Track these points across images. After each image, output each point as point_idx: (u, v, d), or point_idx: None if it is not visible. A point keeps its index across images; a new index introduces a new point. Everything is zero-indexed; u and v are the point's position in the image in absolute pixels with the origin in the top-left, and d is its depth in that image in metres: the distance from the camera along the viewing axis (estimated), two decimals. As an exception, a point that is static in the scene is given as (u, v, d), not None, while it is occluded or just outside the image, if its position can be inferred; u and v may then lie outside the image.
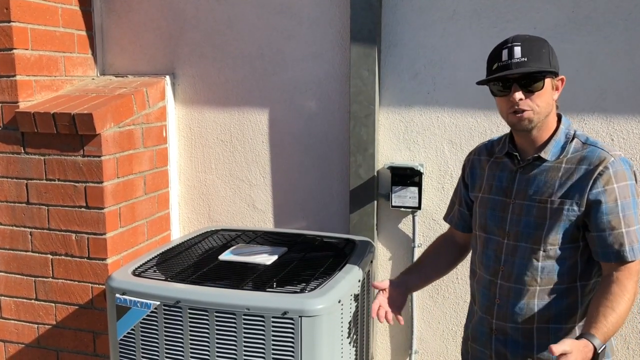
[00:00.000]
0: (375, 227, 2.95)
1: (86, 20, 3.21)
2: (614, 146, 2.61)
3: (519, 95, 1.73)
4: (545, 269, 1.80)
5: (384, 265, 3.02)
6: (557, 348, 1.52)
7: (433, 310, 2.96)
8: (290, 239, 2.70)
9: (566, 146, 1.81)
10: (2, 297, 3.02)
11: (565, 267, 1.79)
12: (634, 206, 1.73)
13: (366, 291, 2.42)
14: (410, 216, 2.94)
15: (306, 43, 3.00)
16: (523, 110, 1.75)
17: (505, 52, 1.75)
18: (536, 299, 1.82)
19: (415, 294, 2.95)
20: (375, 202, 2.93)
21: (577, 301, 1.82)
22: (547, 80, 1.75)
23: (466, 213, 2.10)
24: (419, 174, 2.84)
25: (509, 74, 1.73)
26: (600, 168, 1.73)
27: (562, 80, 1.82)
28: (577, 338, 1.62)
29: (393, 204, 2.89)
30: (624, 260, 1.71)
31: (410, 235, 2.95)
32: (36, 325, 2.99)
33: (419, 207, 2.86)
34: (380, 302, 2.01)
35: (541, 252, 1.79)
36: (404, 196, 2.87)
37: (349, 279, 2.18)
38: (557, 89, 1.81)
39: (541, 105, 1.75)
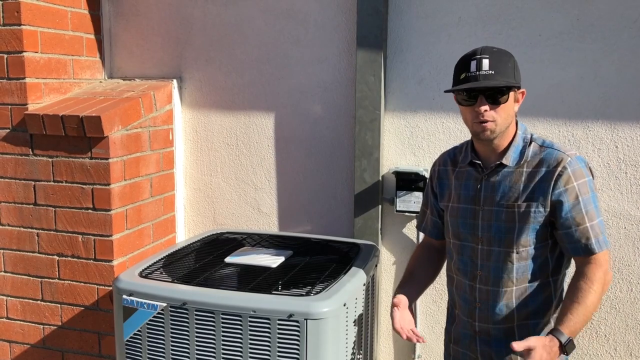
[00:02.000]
0: (379, 232, 2.96)
1: (95, 23, 3.24)
2: (609, 151, 2.64)
3: (484, 107, 1.81)
4: (520, 269, 1.89)
5: (388, 270, 3.04)
6: (519, 345, 1.65)
7: (436, 314, 2.97)
8: (295, 242, 2.71)
9: (525, 150, 1.89)
10: (9, 298, 3.04)
11: (537, 265, 1.89)
12: (594, 200, 1.83)
13: (371, 295, 2.44)
14: (414, 221, 2.95)
15: (313, 48, 3.02)
16: (487, 121, 1.82)
17: (474, 64, 1.81)
18: (514, 299, 1.91)
19: (418, 299, 2.95)
20: (380, 206, 2.95)
21: (552, 295, 1.93)
22: (511, 94, 1.83)
23: (438, 221, 2.15)
24: (424, 179, 2.85)
25: (477, 87, 1.79)
26: (559, 169, 1.82)
27: (522, 93, 1.91)
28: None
29: (397, 209, 2.91)
30: (592, 252, 1.81)
31: (414, 239, 2.96)
32: (42, 326, 3.01)
33: (423, 212, 2.88)
34: (402, 324, 1.93)
35: (514, 254, 1.89)
36: (408, 201, 2.89)
37: (354, 282, 2.19)
38: (517, 101, 1.89)
39: (503, 116, 1.83)
